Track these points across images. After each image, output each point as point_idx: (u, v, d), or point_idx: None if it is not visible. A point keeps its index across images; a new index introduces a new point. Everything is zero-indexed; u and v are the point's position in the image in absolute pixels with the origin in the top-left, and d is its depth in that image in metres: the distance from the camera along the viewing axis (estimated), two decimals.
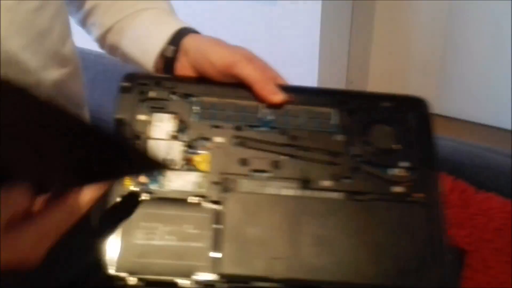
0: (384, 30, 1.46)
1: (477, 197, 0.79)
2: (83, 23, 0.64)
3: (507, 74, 1.30)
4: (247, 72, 0.50)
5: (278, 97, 0.50)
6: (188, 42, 0.54)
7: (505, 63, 1.28)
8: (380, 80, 1.52)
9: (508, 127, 1.39)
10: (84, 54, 0.67)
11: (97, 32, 0.63)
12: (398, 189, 0.48)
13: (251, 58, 0.52)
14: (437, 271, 0.45)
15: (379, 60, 1.50)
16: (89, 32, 0.64)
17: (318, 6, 1.31)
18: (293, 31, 1.35)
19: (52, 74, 0.56)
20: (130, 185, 0.46)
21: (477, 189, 0.80)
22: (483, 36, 1.29)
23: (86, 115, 0.65)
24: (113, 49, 0.62)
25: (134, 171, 0.43)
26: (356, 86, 1.53)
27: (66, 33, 0.59)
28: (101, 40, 0.63)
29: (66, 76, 0.58)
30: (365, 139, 0.50)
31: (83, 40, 0.66)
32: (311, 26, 1.33)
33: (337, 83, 1.57)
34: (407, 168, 0.49)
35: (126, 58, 0.60)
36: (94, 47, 0.67)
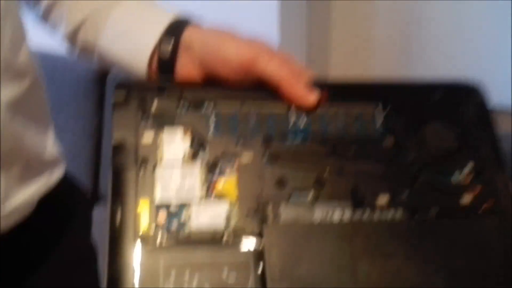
0: (344, 10, 1.38)
1: None
2: (45, 18, 0.52)
3: (471, 50, 1.25)
4: (271, 69, 0.40)
5: (313, 97, 0.41)
6: (190, 35, 0.43)
7: (468, 39, 1.24)
8: (343, 61, 1.45)
9: None
10: None
11: (64, 29, 0.51)
12: (466, 199, 0.40)
13: (273, 51, 0.42)
14: None
15: (340, 41, 1.43)
16: (53, 28, 0.52)
17: None
18: (250, 15, 1.25)
19: (6, 93, 0.44)
20: (145, 229, 0.36)
21: None
22: (445, 12, 1.23)
23: (51, 130, 0.53)
24: (87, 49, 0.50)
25: None
26: (317, 67, 1.46)
27: (20, 39, 0.47)
28: (71, 39, 0.51)
29: (24, 93, 0.46)
30: (419, 140, 0.42)
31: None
32: (268, 10, 1.25)
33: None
34: (472, 173, 0.41)
35: (105, 59, 0.49)
36: (42, 44, 0.54)
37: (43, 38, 0.56)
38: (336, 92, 0.42)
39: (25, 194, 0.47)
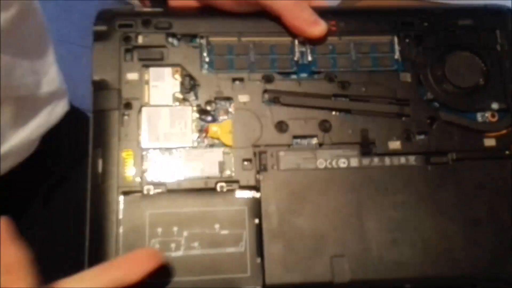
0: None
1: None
2: None
3: None
4: None
5: (319, 27, 0.36)
6: None
7: None
8: None
9: None
10: None
11: None
12: (491, 141, 0.35)
13: None
14: None
15: None
16: None
17: None
18: None
19: None
20: (130, 176, 0.33)
21: None
22: None
23: (50, 61, 0.50)
24: None
25: None
26: None
27: None
28: None
29: (13, 21, 0.42)
30: (441, 75, 0.37)
31: None
32: None
33: None
34: (500, 111, 0.36)
35: None
36: None
37: None
38: (348, 21, 0.37)
39: (22, 134, 0.45)
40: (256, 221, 0.33)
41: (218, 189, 0.33)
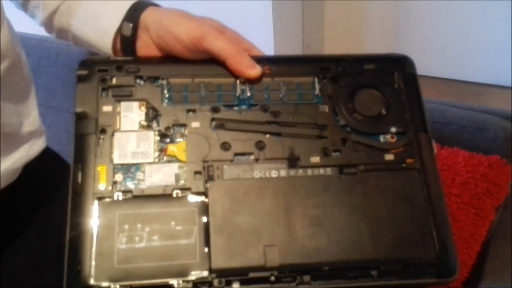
0: None
1: (442, 153, 0.78)
2: (24, 6, 0.57)
3: (463, 26, 1.29)
4: (218, 45, 0.45)
5: (255, 70, 0.46)
6: (147, 16, 0.48)
7: (462, 15, 1.27)
8: (337, 41, 1.49)
9: (467, 79, 1.38)
10: (24, 40, 0.60)
11: (41, 15, 0.56)
12: (390, 156, 0.45)
13: (221, 29, 0.47)
14: (439, 239, 0.42)
15: (334, 21, 1.47)
16: (32, 16, 0.57)
17: None
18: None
19: None
20: (103, 186, 0.41)
21: (442, 145, 0.79)
22: None
23: (33, 106, 0.59)
24: (62, 33, 0.56)
25: None
26: (312, 50, 1.51)
27: None
28: (48, 24, 0.56)
29: (4, 71, 0.51)
30: (351, 106, 0.47)
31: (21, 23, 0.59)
32: None
33: (294, 48, 1.54)
34: (398, 133, 0.46)
35: (78, 41, 0.54)
36: (36, 30, 0.59)
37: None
38: (280, 66, 0.47)
39: (5, 163, 0.53)
40: (204, 219, 0.41)
41: (174, 195, 0.42)
